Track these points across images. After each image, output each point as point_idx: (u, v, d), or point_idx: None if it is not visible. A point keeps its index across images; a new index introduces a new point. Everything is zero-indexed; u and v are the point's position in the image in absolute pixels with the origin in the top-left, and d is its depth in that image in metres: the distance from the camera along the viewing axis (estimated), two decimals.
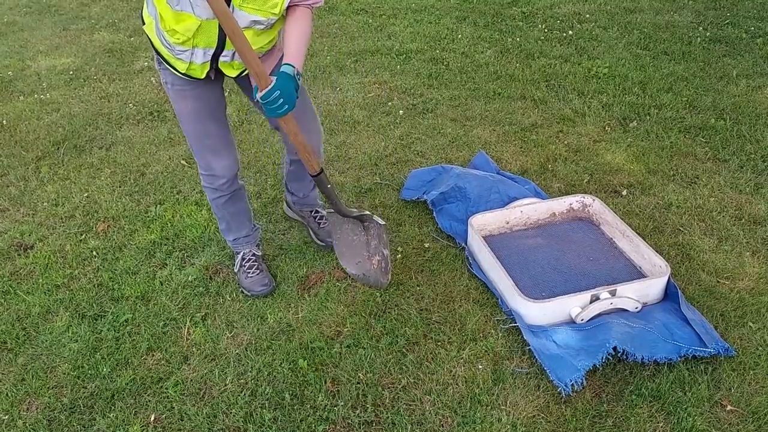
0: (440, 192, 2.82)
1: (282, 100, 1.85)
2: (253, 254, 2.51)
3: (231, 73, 2.06)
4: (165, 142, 3.61)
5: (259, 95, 1.86)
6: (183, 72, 2.00)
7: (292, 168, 2.56)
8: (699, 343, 2.06)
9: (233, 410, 1.98)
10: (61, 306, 2.42)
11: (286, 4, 1.90)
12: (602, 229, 2.68)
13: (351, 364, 2.12)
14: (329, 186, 2.23)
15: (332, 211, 2.38)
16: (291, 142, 2.07)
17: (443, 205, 2.80)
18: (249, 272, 2.45)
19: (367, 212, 2.38)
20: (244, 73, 2.09)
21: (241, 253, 2.51)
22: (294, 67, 1.90)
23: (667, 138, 3.47)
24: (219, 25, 1.85)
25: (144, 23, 2.01)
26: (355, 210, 2.39)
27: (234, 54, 1.97)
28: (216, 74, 2.07)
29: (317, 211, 2.72)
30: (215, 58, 1.97)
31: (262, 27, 1.91)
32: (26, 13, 6.23)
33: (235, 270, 2.51)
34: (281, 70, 1.90)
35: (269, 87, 1.84)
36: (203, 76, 2.01)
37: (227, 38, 1.88)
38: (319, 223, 2.67)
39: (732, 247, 2.61)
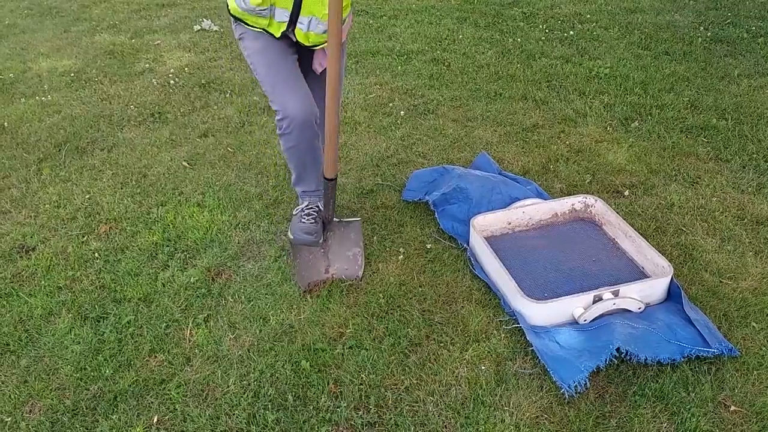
0: (442, 193, 2.82)
1: None
2: (318, 207, 2.50)
3: (305, 41, 2.15)
4: (167, 143, 3.61)
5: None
6: (263, 28, 2.13)
7: None
8: (702, 343, 2.05)
9: (236, 412, 1.97)
10: (63, 308, 2.42)
11: None
12: (604, 230, 2.67)
13: (354, 366, 2.12)
14: (334, 193, 2.38)
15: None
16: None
17: (445, 206, 2.80)
18: (305, 219, 2.45)
19: (338, 220, 2.58)
20: (318, 47, 2.20)
21: (307, 201, 2.51)
22: None
23: (668, 138, 3.47)
24: None
25: None
26: (336, 219, 2.57)
27: (310, 23, 2.07)
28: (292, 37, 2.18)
29: None
30: (292, 21, 2.08)
31: None
32: (27, 15, 6.24)
33: (294, 212, 2.51)
34: None
35: None
36: (279, 35, 2.12)
37: (302, 5, 2.01)
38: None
39: (735, 247, 2.61)
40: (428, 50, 4.87)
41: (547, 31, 5.23)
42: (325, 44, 2.15)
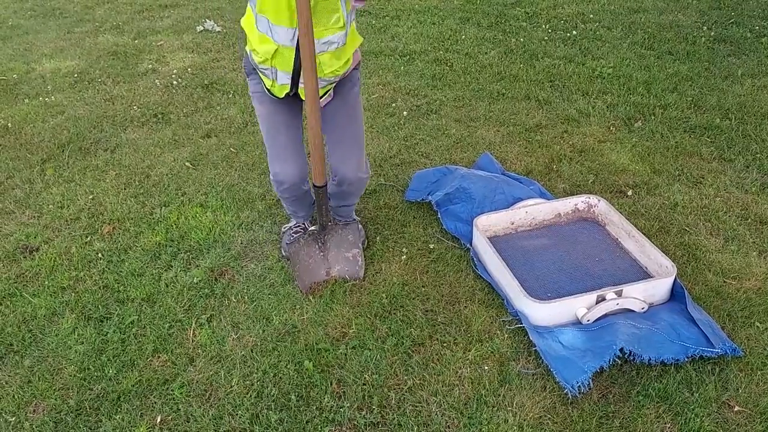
0: (445, 193, 2.81)
1: None
2: (304, 225, 2.72)
3: None
4: (170, 144, 3.62)
5: None
6: (267, 88, 2.19)
7: (337, 190, 2.50)
8: (706, 343, 2.05)
9: (239, 412, 1.98)
10: (66, 308, 2.42)
11: (345, 16, 2.03)
12: (608, 230, 2.67)
13: (357, 366, 2.12)
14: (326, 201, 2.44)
15: (293, 240, 2.58)
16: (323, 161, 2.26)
17: (448, 206, 2.80)
18: (294, 236, 2.64)
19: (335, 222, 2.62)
20: (321, 97, 2.23)
21: (294, 220, 2.73)
22: None
23: (672, 138, 3.46)
24: (295, 53, 2.02)
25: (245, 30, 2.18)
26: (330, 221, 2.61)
27: None
28: (296, 93, 2.22)
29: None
30: (294, 82, 2.13)
31: (335, 46, 2.06)
32: (31, 16, 6.26)
33: (283, 230, 2.75)
34: None
35: None
36: (282, 96, 2.18)
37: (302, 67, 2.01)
38: None
39: (738, 247, 2.60)
40: (431, 50, 4.87)
41: (549, 31, 5.22)
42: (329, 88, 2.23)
